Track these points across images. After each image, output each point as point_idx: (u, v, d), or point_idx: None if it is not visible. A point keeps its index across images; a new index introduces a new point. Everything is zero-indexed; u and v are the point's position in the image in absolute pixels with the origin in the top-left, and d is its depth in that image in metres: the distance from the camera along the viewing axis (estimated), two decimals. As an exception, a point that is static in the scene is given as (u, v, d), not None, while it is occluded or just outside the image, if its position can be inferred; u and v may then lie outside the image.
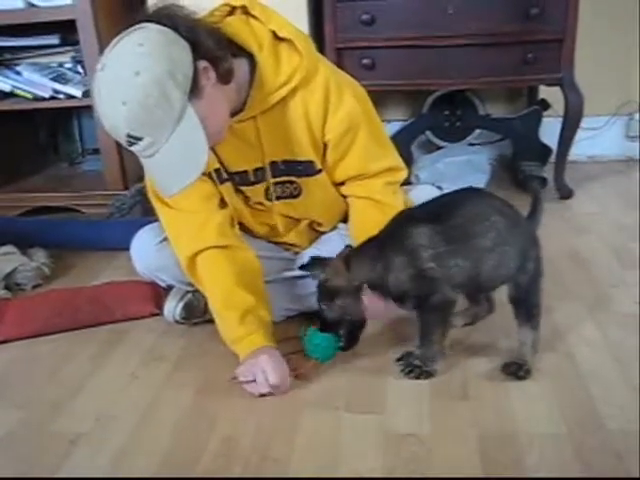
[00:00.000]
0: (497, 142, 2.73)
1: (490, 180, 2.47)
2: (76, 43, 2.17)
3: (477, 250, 1.22)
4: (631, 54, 2.59)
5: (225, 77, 1.25)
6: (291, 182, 1.45)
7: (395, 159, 1.48)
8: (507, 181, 2.52)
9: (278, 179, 1.44)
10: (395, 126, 2.70)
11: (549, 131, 2.46)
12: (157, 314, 1.62)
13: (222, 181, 1.44)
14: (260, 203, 1.49)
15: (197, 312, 1.55)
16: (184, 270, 1.41)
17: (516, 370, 1.29)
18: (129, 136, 1.14)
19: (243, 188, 1.47)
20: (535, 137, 2.54)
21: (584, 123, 2.26)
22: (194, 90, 1.16)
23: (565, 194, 2.33)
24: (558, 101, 2.28)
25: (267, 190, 1.46)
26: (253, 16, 1.32)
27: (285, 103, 1.34)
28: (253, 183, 1.45)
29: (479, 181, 2.44)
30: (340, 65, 2.18)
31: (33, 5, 2.14)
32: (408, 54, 2.20)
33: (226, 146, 1.37)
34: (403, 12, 2.14)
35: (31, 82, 2.22)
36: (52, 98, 2.21)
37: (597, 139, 2.68)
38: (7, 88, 2.23)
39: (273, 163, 1.42)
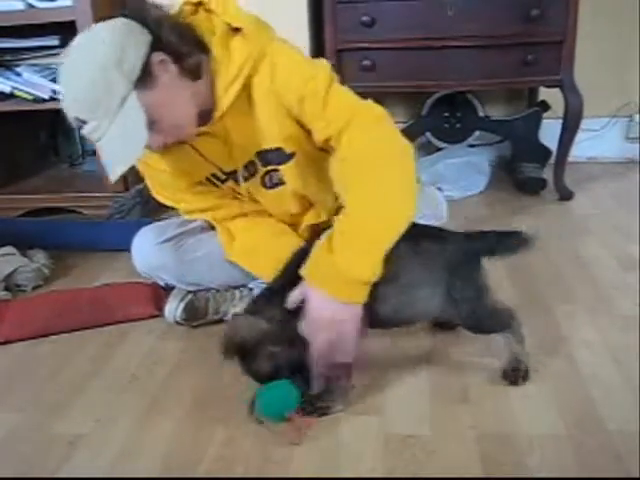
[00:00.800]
0: (497, 144, 2.74)
1: (490, 181, 2.48)
2: (76, 44, 2.17)
3: (381, 294, 1.17)
4: (631, 56, 2.60)
5: (192, 73, 1.27)
6: (275, 170, 1.44)
7: (364, 106, 1.29)
8: (507, 183, 2.53)
9: (266, 168, 1.44)
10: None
11: (549, 133, 2.46)
12: (157, 315, 1.62)
13: (223, 181, 1.46)
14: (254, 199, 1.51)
15: (198, 313, 1.55)
16: None
17: (515, 376, 1.27)
18: (76, 119, 1.21)
19: (243, 184, 1.47)
20: (535, 139, 2.54)
21: (584, 124, 2.26)
22: (145, 80, 1.20)
23: (565, 195, 2.33)
24: (558, 103, 2.28)
25: (263, 180, 1.46)
26: (212, 11, 1.33)
27: (246, 94, 1.32)
28: (247, 178, 1.46)
29: (479, 182, 2.46)
30: (340, 66, 2.20)
31: (33, 6, 2.14)
32: (408, 56, 2.20)
33: (211, 148, 1.39)
34: (403, 14, 2.15)
35: (31, 83, 2.23)
36: (52, 99, 2.21)
37: (597, 141, 2.68)
38: (7, 89, 2.23)
39: (249, 162, 1.43)
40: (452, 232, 1.28)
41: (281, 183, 1.46)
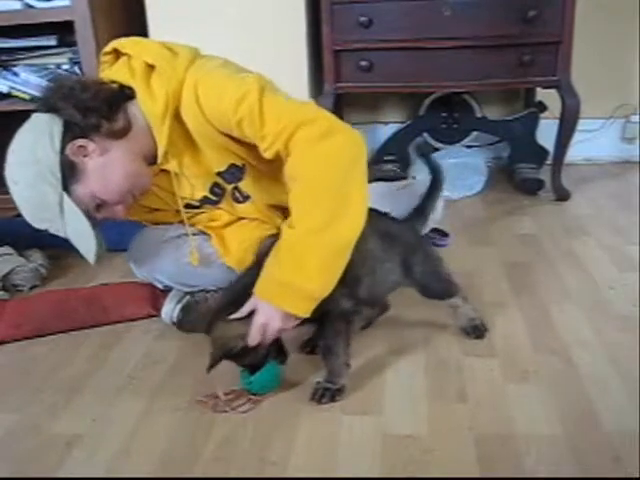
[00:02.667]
0: (494, 144, 2.74)
1: (487, 182, 2.48)
2: (73, 44, 2.17)
3: (355, 277, 1.28)
4: (628, 56, 2.61)
5: (118, 132, 1.31)
6: (236, 187, 1.47)
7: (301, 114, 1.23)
8: (504, 183, 2.53)
9: (231, 185, 1.46)
10: (392, 128, 2.71)
11: (546, 133, 2.46)
12: (154, 315, 1.61)
13: (198, 207, 1.50)
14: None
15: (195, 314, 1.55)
16: None
17: (474, 330, 1.44)
18: (38, 229, 1.34)
19: (219, 205, 1.52)
20: (532, 139, 2.55)
21: (581, 125, 2.27)
22: (71, 177, 1.28)
23: (562, 196, 2.33)
24: (555, 103, 2.28)
25: (233, 196, 1.49)
26: (128, 54, 1.35)
27: (181, 126, 1.33)
28: (218, 199, 1.50)
29: (476, 183, 2.46)
30: (338, 67, 2.20)
31: (30, 6, 2.13)
32: (405, 56, 2.20)
33: (170, 184, 1.42)
34: (400, 14, 2.15)
35: (28, 83, 2.22)
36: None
37: (594, 141, 2.68)
38: (4, 89, 2.23)
39: (213, 185, 1.46)
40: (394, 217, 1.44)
41: (249, 197, 1.49)
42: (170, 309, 1.55)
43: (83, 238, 1.33)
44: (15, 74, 2.25)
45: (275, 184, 1.46)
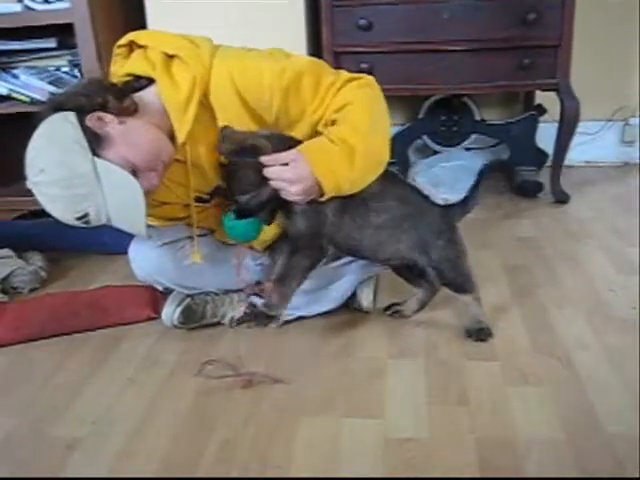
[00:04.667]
0: (493, 147, 2.74)
1: (487, 184, 2.47)
2: (73, 47, 2.16)
3: (365, 224, 1.36)
4: (627, 59, 2.61)
5: (126, 111, 1.29)
6: None
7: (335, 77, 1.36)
8: (503, 186, 2.53)
9: None
10: (392, 130, 2.71)
11: (545, 136, 2.47)
12: (155, 318, 1.61)
13: (209, 200, 1.49)
14: None
15: (195, 317, 1.55)
16: None
17: (478, 333, 1.45)
18: (77, 219, 1.24)
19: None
20: (531, 142, 2.55)
21: (580, 128, 2.28)
22: (97, 143, 1.23)
23: (561, 199, 2.34)
24: (554, 106, 2.29)
25: None
26: (144, 46, 1.35)
27: (204, 115, 1.34)
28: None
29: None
30: (338, 69, 2.19)
31: (30, 9, 2.13)
32: (405, 59, 2.21)
33: (184, 175, 1.41)
34: (400, 17, 2.16)
35: (28, 85, 2.21)
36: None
37: (593, 144, 2.69)
38: (4, 91, 2.22)
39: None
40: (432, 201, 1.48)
41: None
42: (171, 311, 1.55)
43: (128, 204, 1.25)
44: (15, 76, 2.24)
45: None
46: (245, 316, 1.32)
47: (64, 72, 2.28)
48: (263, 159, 1.27)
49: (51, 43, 2.22)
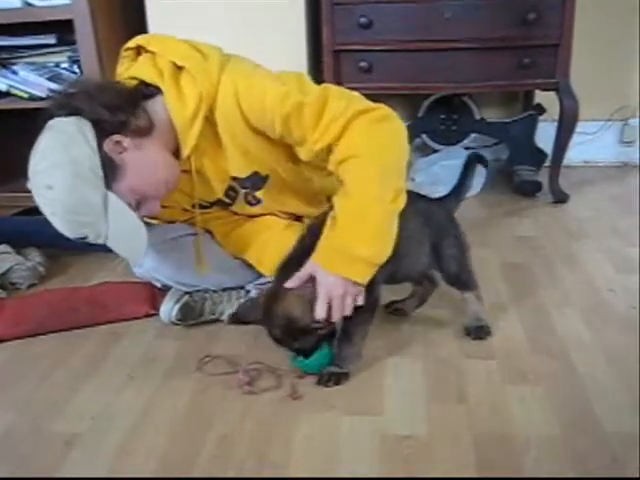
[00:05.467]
0: (493, 146, 2.74)
1: (485, 184, 2.48)
2: (73, 43, 2.16)
3: (397, 254, 1.27)
4: (627, 59, 2.61)
5: (142, 131, 1.28)
6: (251, 194, 1.50)
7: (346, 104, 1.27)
8: (502, 185, 2.54)
9: (246, 191, 1.49)
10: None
11: (544, 135, 2.47)
12: (153, 314, 1.61)
13: (209, 207, 1.52)
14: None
15: (193, 314, 1.55)
16: None
17: (477, 331, 1.44)
18: (76, 238, 1.25)
19: (231, 207, 1.54)
20: (530, 141, 2.55)
21: (579, 128, 2.27)
22: (112, 173, 1.23)
23: (560, 198, 2.34)
24: (553, 106, 2.29)
25: (246, 199, 1.51)
26: (153, 52, 1.34)
27: (209, 129, 1.33)
28: (232, 201, 1.52)
29: (475, 185, 2.45)
30: (337, 67, 2.20)
31: (30, 4, 2.13)
32: (405, 57, 2.21)
33: (189, 185, 1.42)
34: (400, 16, 2.15)
35: (27, 82, 2.21)
36: (48, 98, 2.20)
37: (592, 144, 2.69)
38: (3, 87, 2.22)
39: (228, 188, 1.48)
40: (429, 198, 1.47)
41: (260, 201, 1.52)
42: (169, 308, 1.55)
43: (129, 237, 1.29)
44: (14, 72, 2.24)
45: (291, 196, 1.51)
46: (320, 380, 1.30)
47: (63, 68, 2.28)
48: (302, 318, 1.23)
49: (51, 39, 2.22)
